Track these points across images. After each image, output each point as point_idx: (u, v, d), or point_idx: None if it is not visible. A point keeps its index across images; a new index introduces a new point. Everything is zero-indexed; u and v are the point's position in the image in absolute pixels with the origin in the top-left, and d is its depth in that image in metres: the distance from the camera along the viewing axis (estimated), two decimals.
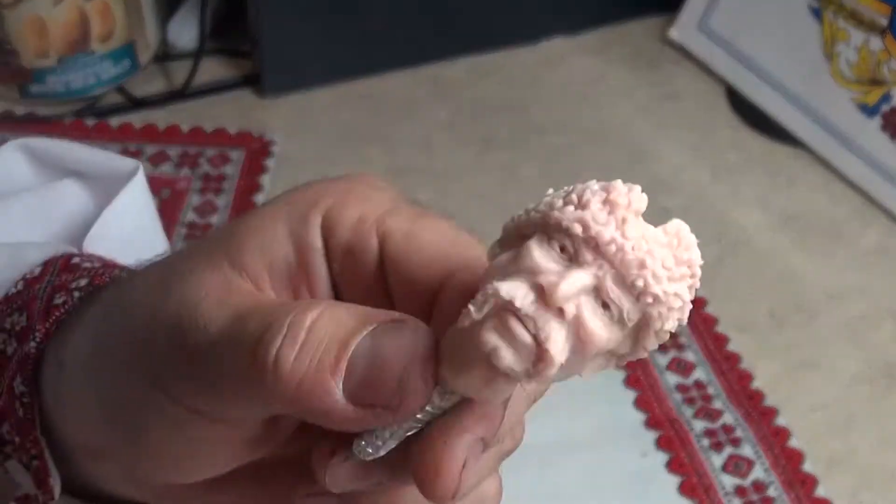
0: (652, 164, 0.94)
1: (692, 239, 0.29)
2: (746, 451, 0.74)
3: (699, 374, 0.79)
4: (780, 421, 0.76)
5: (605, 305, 0.27)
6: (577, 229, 0.27)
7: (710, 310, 0.83)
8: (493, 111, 0.98)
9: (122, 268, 0.43)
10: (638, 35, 1.05)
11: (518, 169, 0.93)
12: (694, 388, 0.78)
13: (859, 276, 0.87)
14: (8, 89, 0.94)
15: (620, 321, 0.28)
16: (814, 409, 0.78)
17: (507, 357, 0.27)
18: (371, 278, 0.32)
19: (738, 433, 0.75)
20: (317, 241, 0.32)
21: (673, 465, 0.74)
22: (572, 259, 0.27)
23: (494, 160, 0.94)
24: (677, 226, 0.29)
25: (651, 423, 0.76)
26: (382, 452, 0.30)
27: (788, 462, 0.74)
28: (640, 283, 0.27)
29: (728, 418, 0.76)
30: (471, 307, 0.28)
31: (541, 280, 0.27)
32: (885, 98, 0.90)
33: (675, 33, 1.02)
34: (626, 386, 0.78)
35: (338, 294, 0.33)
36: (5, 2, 0.88)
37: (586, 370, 0.28)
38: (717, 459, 0.74)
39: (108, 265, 0.44)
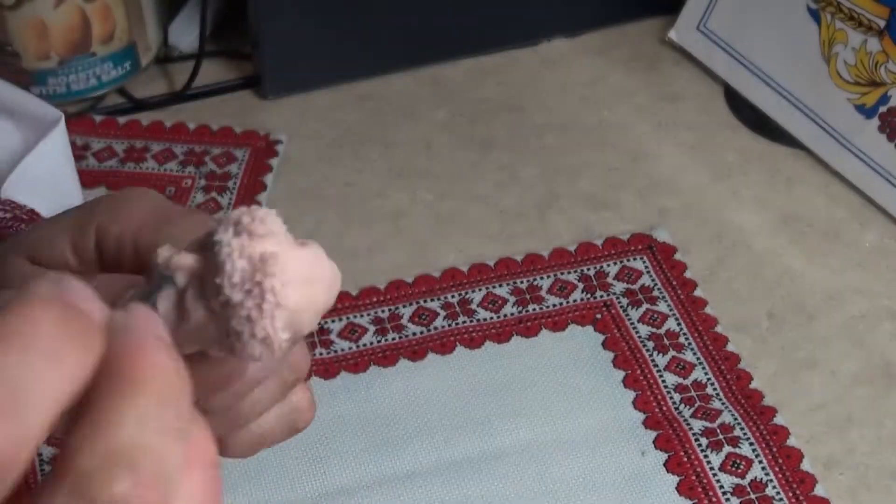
0: (651, 165, 0.94)
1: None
2: (745, 450, 0.75)
3: (698, 373, 0.79)
4: (779, 420, 0.76)
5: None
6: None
7: (709, 310, 0.83)
8: (492, 112, 0.99)
9: (33, 219, 0.53)
10: (637, 36, 1.06)
11: (518, 170, 0.94)
12: (693, 387, 0.78)
13: (858, 276, 0.87)
14: None
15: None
16: (812, 409, 0.78)
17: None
18: (134, 270, 0.39)
19: (737, 433, 0.75)
20: (91, 249, 0.40)
21: (671, 465, 0.74)
22: None
23: (494, 161, 0.94)
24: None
25: (650, 423, 0.76)
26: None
27: (787, 461, 0.74)
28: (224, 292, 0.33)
29: (727, 418, 0.76)
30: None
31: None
32: (883, 99, 0.90)
33: (674, 35, 1.03)
34: (624, 386, 0.78)
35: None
36: (6, 3, 0.88)
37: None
38: (716, 459, 0.74)
39: (16, 218, 0.53)
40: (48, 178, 0.71)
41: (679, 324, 0.82)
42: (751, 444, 0.75)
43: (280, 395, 0.40)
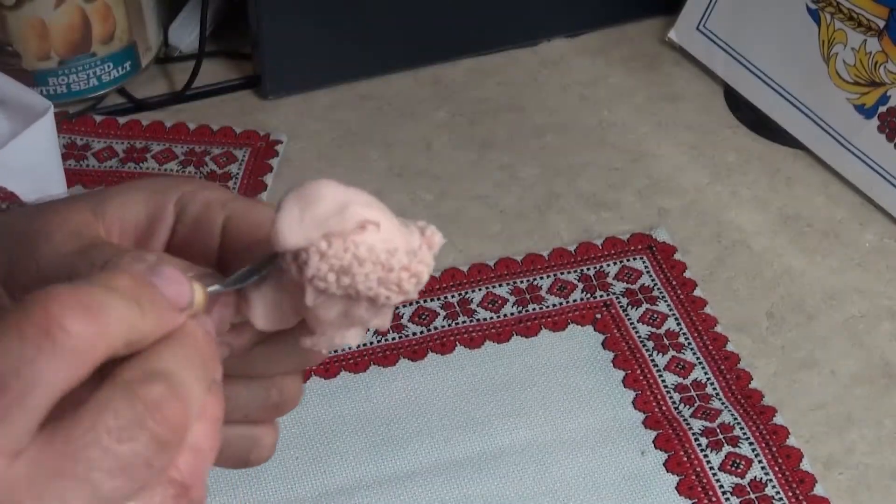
0: (651, 165, 0.94)
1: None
2: (745, 450, 0.75)
3: (698, 373, 0.79)
4: (779, 420, 0.76)
5: None
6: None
7: (709, 310, 0.83)
8: (492, 112, 0.99)
9: (14, 200, 0.51)
10: (637, 36, 1.06)
11: (518, 170, 0.94)
12: (692, 387, 0.78)
13: (857, 276, 0.87)
14: None
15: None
16: (812, 409, 0.78)
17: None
18: (211, 246, 0.39)
19: (737, 432, 0.75)
20: (170, 212, 0.40)
21: (671, 465, 0.74)
22: None
23: (494, 161, 0.94)
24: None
25: (650, 423, 0.76)
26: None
27: (786, 461, 0.74)
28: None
29: (726, 417, 0.76)
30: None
31: None
32: (883, 99, 0.90)
33: (674, 35, 1.03)
34: (624, 386, 0.79)
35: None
36: (6, 3, 0.89)
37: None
38: (716, 458, 0.74)
39: (0, 198, 0.52)
40: (32, 165, 0.73)
41: (679, 324, 0.82)
42: (750, 443, 0.75)
43: (256, 409, 0.41)
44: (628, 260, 0.86)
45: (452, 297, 0.83)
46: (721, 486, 0.73)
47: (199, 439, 0.34)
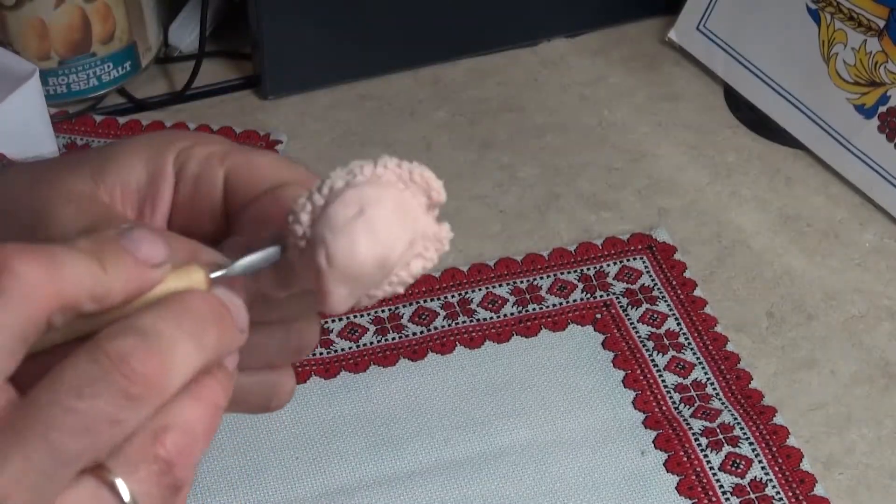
0: (651, 165, 0.94)
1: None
2: (744, 450, 0.75)
3: (698, 373, 0.79)
4: (779, 420, 0.76)
5: None
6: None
7: (709, 310, 0.83)
8: (492, 112, 0.99)
9: (2, 159, 0.50)
10: (637, 36, 1.06)
11: (518, 170, 0.94)
12: (692, 387, 0.78)
13: (857, 276, 0.87)
14: None
15: None
16: (812, 409, 0.78)
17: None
18: (215, 203, 0.38)
19: (737, 432, 0.76)
20: (170, 172, 0.38)
21: (671, 464, 0.74)
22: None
23: (494, 161, 0.94)
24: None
25: (649, 423, 0.76)
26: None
27: (786, 461, 0.74)
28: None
29: (726, 417, 0.76)
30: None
31: None
32: (883, 99, 0.90)
33: (674, 35, 1.03)
34: (624, 386, 0.79)
35: (171, 219, 0.39)
36: (6, 3, 0.89)
37: None
38: (716, 458, 0.74)
39: None
40: (21, 129, 0.74)
41: (679, 324, 0.82)
42: (750, 443, 0.75)
43: (277, 354, 0.40)
44: (628, 260, 0.86)
45: (452, 297, 0.83)
46: (721, 486, 0.73)
47: (191, 421, 0.33)
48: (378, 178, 0.35)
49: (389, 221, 0.35)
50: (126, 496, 0.31)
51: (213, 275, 0.34)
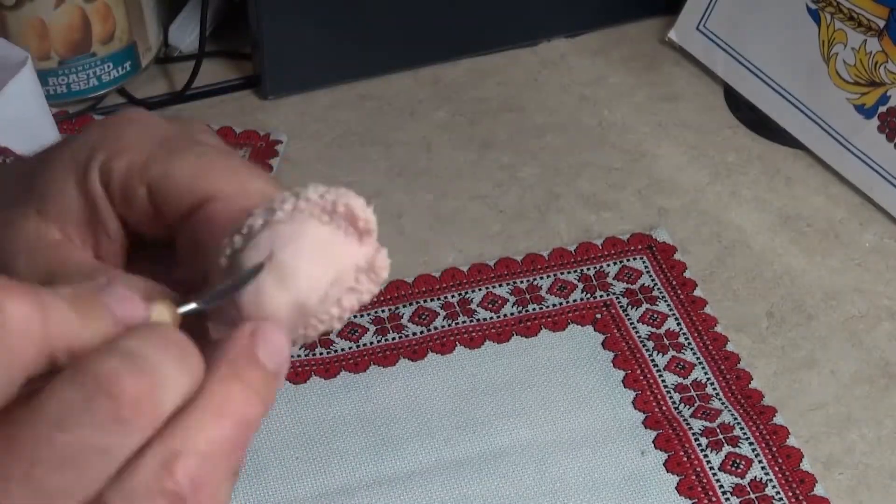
0: (651, 165, 0.94)
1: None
2: (744, 450, 0.75)
3: (698, 373, 0.79)
4: (779, 420, 0.76)
5: None
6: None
7: (709, 310, 0.83)
8: (492, 112, 0.99)
9: (5, 152, 0.49)
10: (637, 36, 1.06)
11: (518, 170, 0.94)
12: (692, 387, 0.78)
13: (857, 276, 0.87)
14: None
15: None
16: (812, 409, 0.78)
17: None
18: (149, 215, 0.36)
19: (737, 432, 0.76)
20: (98, 191, 0.36)
21: (671, 464, 0.74)
22: None
23: (494, 161, 0.94)
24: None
25: (650, 423, 0.76)
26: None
27: (786, 461, 0.74)
28: None
29: (726, 417, 0.76)
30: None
31: None
32: (883, 99, 0.90)
33: (674, 35, 1.03)
34: (624, 386, 0.79)
35: (128, 231, 0.37)
36: (6, 3, 0.89)
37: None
38: (716, 458, 0.74)
39: None
40: (20, 117, 0.73)
41: (679, 324, 0.82)
42: (750, 443, 0.75)
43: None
44: (628, 260, 0.86)
45: (452, 297, 0.83)
46: (721, 486, 0.73)
47: (212, 442, 0.29)
48: (300, 213, 0.33)
49: (302, 263, 0.33)
50: None
51: (183, 309, 0.33)
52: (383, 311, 0.82)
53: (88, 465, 0.28)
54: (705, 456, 0.75)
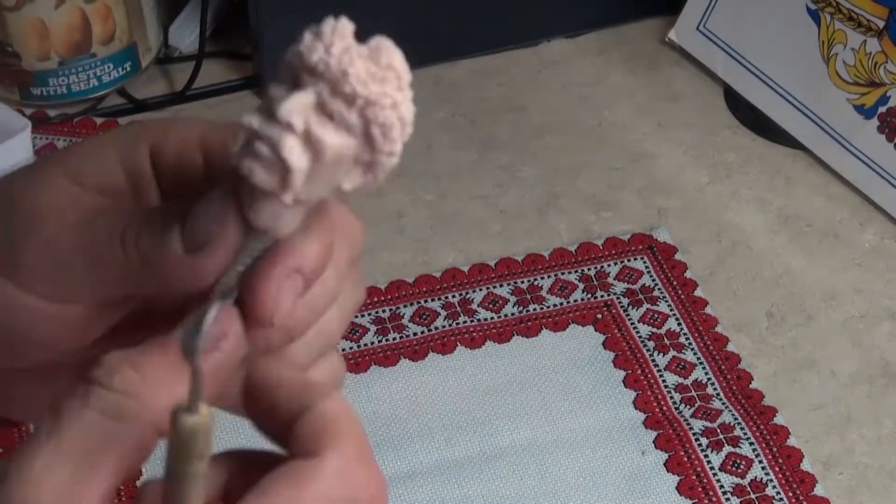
0: (651, 165, 0.94)
1: (390, 46, 0.35)
2: (745, 450, 0.75)
3: (698, 373, 0.79)
4: (779, 420, 0.76)
5: (332, 117, 0.32)
6: (296, 61, 0.34)
7: (709, 310, 0.83)
8: (493, 112, 0.99)
9: None
10: (637, 37, 1.06)
11: (518, 170, 0.94)
12: (693, 387, 0.78)
13: (857, 276, 0.87)
14: (9, 91, 0.94)
15: (347, 127, 0.32)
16: (812, 409, 0.78)
17: (259, 173, 0.31)
18: (199, 187, 0.35)
19: (737, 432, 0.76)
20: (146, 168, 0.37)
21: (671, 465, 0.74)
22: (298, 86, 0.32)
23: (494, 161, 0.94)
24: (378, 41, 0.35)
25: (650, 423, 0.77)
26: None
27: (787, 461, 0.74)
28: (348, 88, 0.33)
29: (727, 417, 0.76)
30: (233, 145, 0.31)
31: (271, 106, 0.32)
32: (883, 99, 0.90)
33: (674, 35, 1.03)
34: (625, 386, 0.79)
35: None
36: (7, 4, 0.89)
37: (345, 181, 0.33)
38: (716, 458, 0.75)
39: None
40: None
41: (679, 324, 0.82)
42: (751, 443, 0.75)
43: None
44: (629, 260, 0.86)
45: (453, 297, 0.83)
46: (721, 487, 0.73)
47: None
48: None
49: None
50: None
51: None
52: (384, 311, 0.82)
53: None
54: (706, 456, 0.75)
